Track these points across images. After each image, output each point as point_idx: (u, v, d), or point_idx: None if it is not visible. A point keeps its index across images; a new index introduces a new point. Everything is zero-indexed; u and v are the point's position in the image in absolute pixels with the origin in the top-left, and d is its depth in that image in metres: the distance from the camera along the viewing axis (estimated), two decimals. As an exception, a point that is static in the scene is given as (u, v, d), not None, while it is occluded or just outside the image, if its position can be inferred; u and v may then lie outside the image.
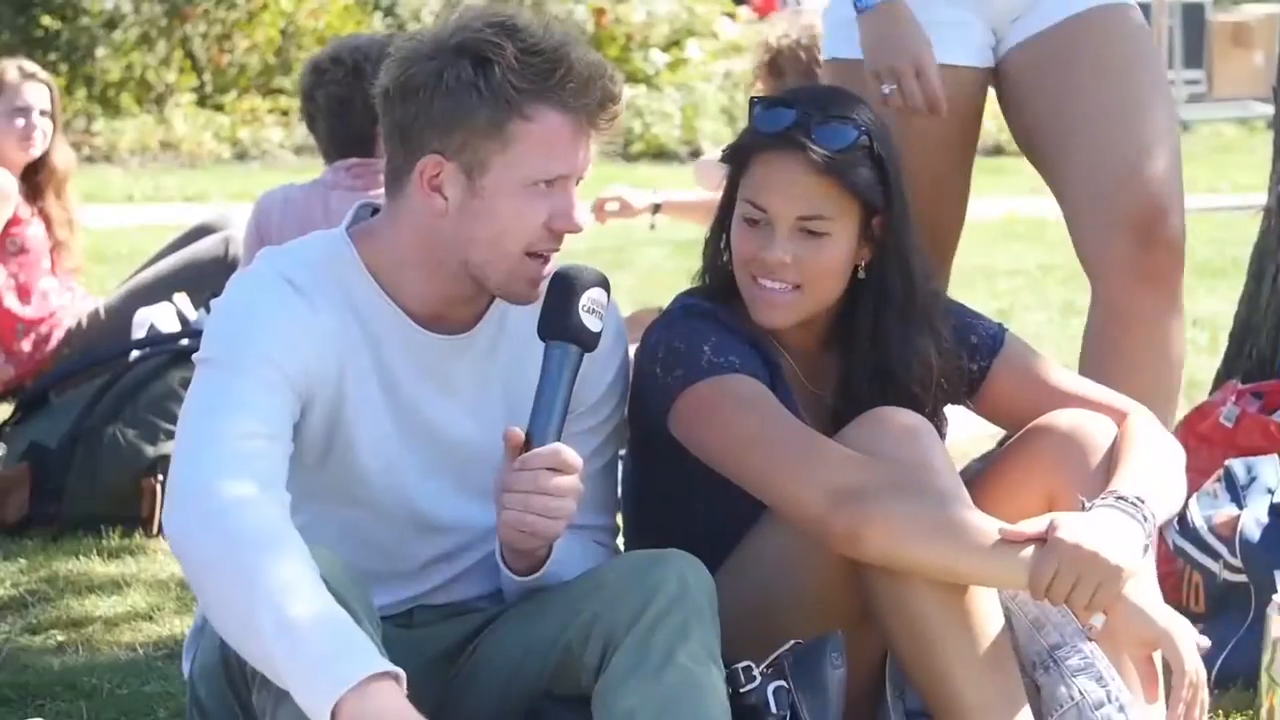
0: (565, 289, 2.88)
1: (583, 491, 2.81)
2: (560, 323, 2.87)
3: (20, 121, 6.06)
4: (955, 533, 2.90)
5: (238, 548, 2.60)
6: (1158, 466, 3.05)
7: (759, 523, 3.10)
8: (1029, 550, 2.88)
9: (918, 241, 3.18)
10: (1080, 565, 2.84)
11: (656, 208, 5.83)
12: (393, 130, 2.85)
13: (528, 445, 2.80)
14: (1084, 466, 3.08)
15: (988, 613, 2.96)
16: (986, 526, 2.90)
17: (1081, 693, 3.02)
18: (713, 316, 3.15)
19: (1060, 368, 3.33)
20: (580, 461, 2.81)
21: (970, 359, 3.26)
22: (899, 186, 3.14)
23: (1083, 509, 2.94)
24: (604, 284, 2.91)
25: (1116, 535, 2.88)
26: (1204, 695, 2.90)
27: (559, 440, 2.81)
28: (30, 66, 6.26)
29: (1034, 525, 2.90)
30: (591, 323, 2.87)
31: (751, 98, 3.22)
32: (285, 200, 4.81)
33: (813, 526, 2.95)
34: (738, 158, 3.17)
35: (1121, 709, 2.99)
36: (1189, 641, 2.89)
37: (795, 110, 3.11)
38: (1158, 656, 2.93)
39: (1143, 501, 2.94)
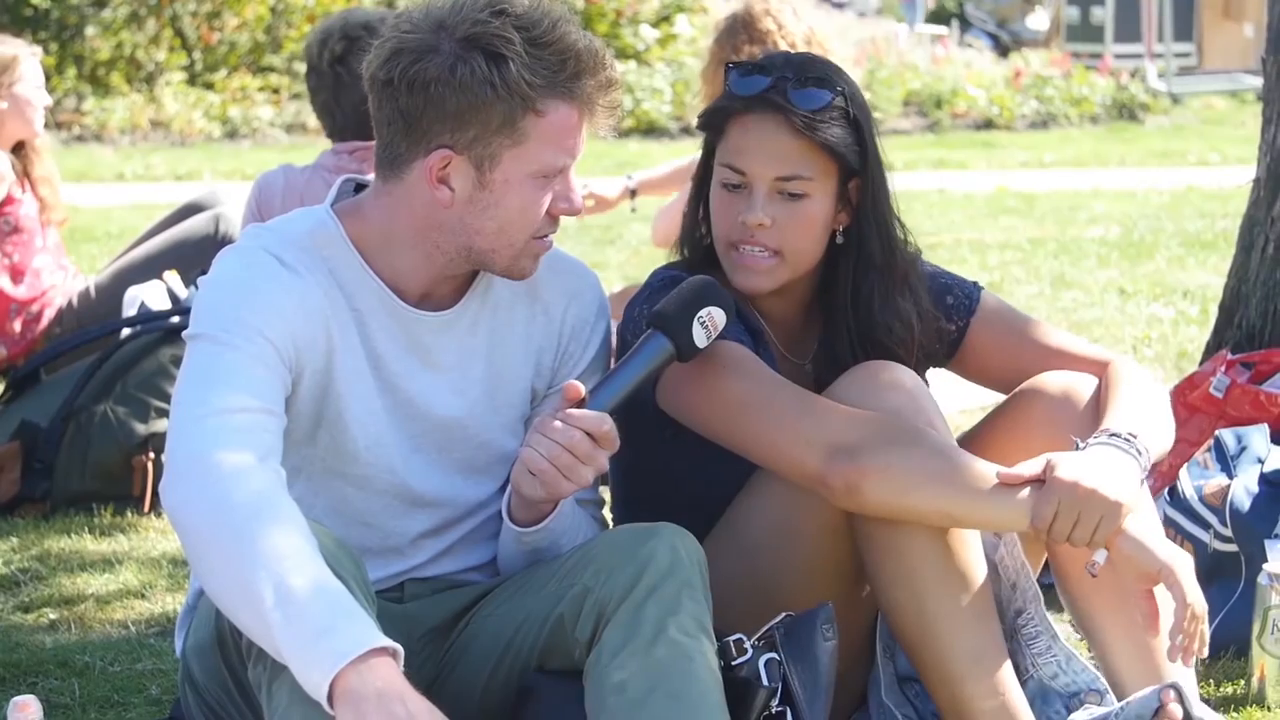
0: (697, 296, 2.95)
1: (604, 470, 2.84)
2: (674, 319, 2.93)
3: (44, 98, 6.03)
4: (954, 478, 2.91)
5: (235, 518, 2.60)
6: (1145, 404, 3.07)
7: (745, 489, 3.11)
8: (1027, 492, 2.90)
9: (893, 205, 3.20)
10: (1080, 502, 2.86)
11: (633, 193, 5.84)
12: (394, 118, 2.83)
13: (580, 405, 2.83)
14: (1074, 427, 3.09)
15: (977, 565, 2.98)
16: (984, 471, 2.92)
17: (1037, 665, 3.06)
18: None
19: (1038, 322, 3.34)
20: (617, 444, 2.82)
21: (948, 320, 3.27)
22: (874, 149, 3.16)
23: (1076, 449, 2.96)
24: (731, 312, 2.97)
25: (1113, 471, 2.90)
26: (1204, 628, 2.91)
27: (610, 417, 2.83)
28: (31, 45, 6.23)
29: (1031, 467, 2.92)
30: (698, 335, 2.94)
31: (727, 64, 3.22)
32: (287, 183, 4.77)
33: (811, 484, 2.96)
34: (714, 123, 3.18)
35: (1076, 684, 3.03)
36: (1190, 574, 2.91)
37: (770, 74, 3.13)
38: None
39: (1135, 437, 2.96)
